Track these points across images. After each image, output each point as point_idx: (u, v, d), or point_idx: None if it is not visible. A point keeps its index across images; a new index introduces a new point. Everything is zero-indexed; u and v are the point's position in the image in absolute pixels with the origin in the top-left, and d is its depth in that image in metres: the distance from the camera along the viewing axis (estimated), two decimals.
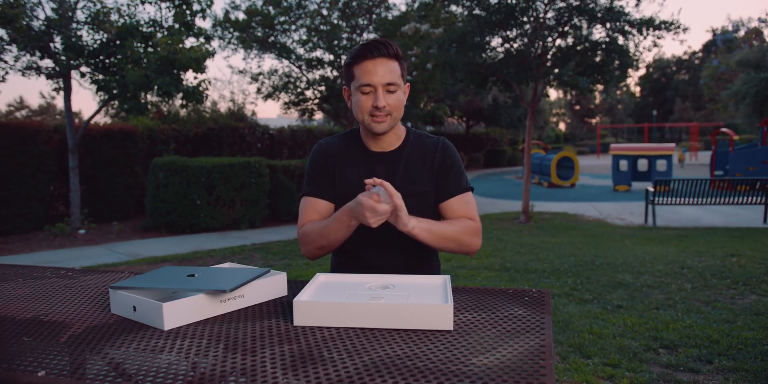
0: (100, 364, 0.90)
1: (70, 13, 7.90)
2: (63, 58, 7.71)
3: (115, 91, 7.82)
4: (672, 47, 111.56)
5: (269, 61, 76.84)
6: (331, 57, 11.22)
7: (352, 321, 1.07)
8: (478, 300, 1.26)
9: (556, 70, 8.09)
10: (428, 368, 0.86)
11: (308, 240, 1.48)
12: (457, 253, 1.49)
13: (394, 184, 1.48)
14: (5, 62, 7.76)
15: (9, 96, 50.15)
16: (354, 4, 10.94)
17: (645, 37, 7.87)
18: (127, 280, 1.22)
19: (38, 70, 7.98)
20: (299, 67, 11.53)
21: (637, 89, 56.99)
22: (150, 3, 8.12)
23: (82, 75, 8.12)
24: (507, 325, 1.07)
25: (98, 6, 7.97)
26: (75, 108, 34.73)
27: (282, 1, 10.53)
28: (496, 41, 8.50)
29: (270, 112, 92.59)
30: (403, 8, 15.10)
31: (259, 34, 10.98)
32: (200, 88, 8.16)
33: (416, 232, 1.36)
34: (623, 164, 14.58)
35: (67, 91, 8.19)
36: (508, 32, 8.15)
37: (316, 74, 11.86)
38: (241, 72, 12.99)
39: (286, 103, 12.41)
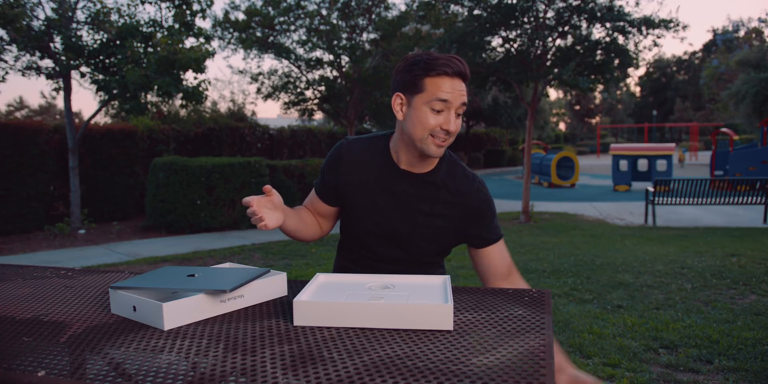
0: (100, 364, 0.90)
1: (70, 13, 7.89)
2: (63, 58, 7.71)
3: (115, 92, 7.82)
4: (672, 47, 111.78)
5: (269, 62, 76.93)
6: (331, 57, 11.23)
7: (352, 321, 1.07)
8: (478, 300, 1.26)
9: (556, 70, 8.09)
10: (428, 368, 0.86)
11: None
12: None
13: (413, 210, 1.41)
14: (5, 62, 7.76)
15: (9, 96, 50.16)
16: (353, 3, 10.93)
17: (645, 37, 7.87)
18: (127, 280, 1.22)
19: (38, 70, 7.98)
20: (299, 67, 11.53)
21: (637, 89, 57.05)
22: (150, 3, 8.12)
23: (82, 75, 8.12)
24: (507, 325, 1.07)
25: (98, 6, 7.98)
26: (75, 108, 34.76)
27: (281, 1, 10.53)
28: (496, 41, 8.51)
29: (270, 112, 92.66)
30: (403, 8, 15.10)
31: (259, 34, 10.98)
32: (200, 89, 8.15)
33: None
34: (623, 164, 14.58)
35: (67, 91, 8.19)
36: (509, 32, 8.15)
37: (316, 74, 11.86)
38: (241, 72, 12.98)
39: (286, 103, 12.41)
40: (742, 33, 37.14)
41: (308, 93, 12.15)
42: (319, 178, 1.52)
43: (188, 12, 8.13)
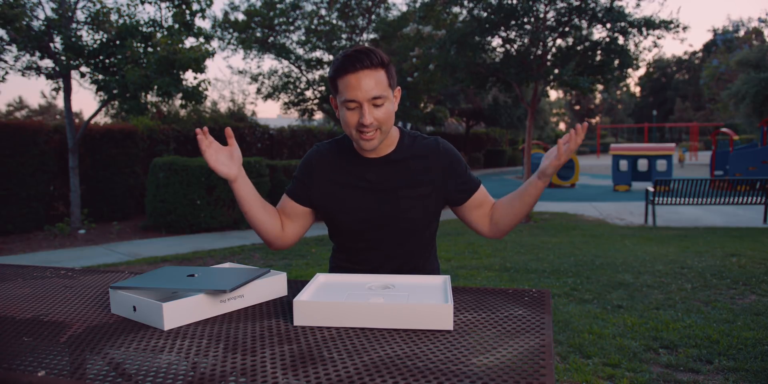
0: (100, 364, 0.90)
1: (70, 13, 7.89)
2: (63, 58, 7.71)
3: (115, 91, 7.81)
4: (672, 47, 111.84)
5: (269, 62, 76.86)
6: (331, 57, 11.23)
7: (352, 321, 1.07)
8: (478, 300, 1.26)
9: (557, 71, 8.09)
10: (428, 368, 0.86)
11: None
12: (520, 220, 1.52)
13: (393, 188, 1.47)
14: (5, 62, 7.76)
15: (9, 96, 50.10)
16: (353, 3, 10.94)
17: (645, 37, 7.88)
18: (127, 280, 1.22)
19: (38, 70, 7.98)
20: (299, 67, 11.54)
21: (637, 89, 57.04)
22: (150, 3, 8.12)
23: (82, 75, 8.12)
24: (507, 325, 1.07)
25: (98, 6, 7.97)
26: (75, 108, 34.77)
27: (279, 2, 10.53)
28: (496, 42, 8.51)
29: (270, 112, 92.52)
30: (404, 8, 15.08)
31: (259, 34, 10.99)
32: (200, 89, 8.15)
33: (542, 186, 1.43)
34: (623, 164, 14.58)
35: (67, 91, 8.19)
36: (509, 32, 8.15)
37: (316, 74, 11.88)
38: (241, 72, 13.01)
39: (286, 103, 12.42)
40: (742, 33, 37.18)
41: (308, 93, 12.16)
42: (292, 184, 1.56)
43: (188, 12, 8.13)
